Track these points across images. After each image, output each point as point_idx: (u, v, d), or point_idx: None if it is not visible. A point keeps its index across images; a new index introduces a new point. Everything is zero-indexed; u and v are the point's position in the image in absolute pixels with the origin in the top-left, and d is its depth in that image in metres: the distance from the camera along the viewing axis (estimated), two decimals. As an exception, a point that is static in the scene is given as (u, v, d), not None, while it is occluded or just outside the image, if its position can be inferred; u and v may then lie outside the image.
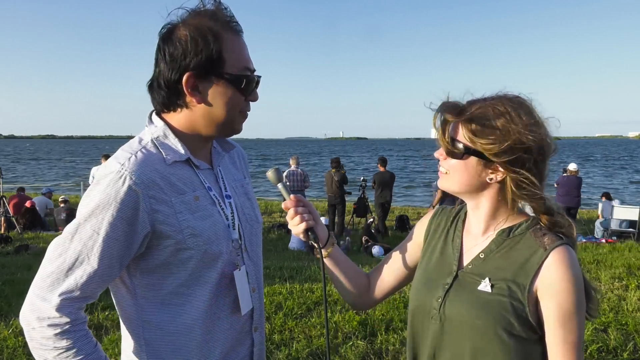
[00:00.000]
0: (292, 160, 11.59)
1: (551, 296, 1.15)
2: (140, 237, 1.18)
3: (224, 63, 1.23)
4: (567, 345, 1.16)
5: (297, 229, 1.36)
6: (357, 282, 1.48)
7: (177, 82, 1.23)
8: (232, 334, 1.34)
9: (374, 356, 3.84)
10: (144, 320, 1.24)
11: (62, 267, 1.14)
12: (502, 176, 1.20)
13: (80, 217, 1.16)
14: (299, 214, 1.36)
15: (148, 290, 1.24)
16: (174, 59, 1.22)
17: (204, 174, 1.32)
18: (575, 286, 1.14)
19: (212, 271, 1.27)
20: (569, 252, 1.18)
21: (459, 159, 1.22)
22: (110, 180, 1.16)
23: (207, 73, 1.22)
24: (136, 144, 1.26)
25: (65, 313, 1.13)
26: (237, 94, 1.26)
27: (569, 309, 1.14)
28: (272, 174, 1.40)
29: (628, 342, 4.09)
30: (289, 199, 1.38)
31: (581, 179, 11.47)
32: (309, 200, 1.42)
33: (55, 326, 1.12)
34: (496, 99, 1.22)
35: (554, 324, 1.15)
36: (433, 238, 1.40)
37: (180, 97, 1.25)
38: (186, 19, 1.24)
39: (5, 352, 3.87)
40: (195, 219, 1.24)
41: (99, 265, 1.15)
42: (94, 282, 1.15)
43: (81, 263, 1.14)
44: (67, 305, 1.13)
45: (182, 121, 1.28)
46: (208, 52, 1.21)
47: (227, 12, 1.26)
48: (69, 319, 1.13)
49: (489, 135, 1.17)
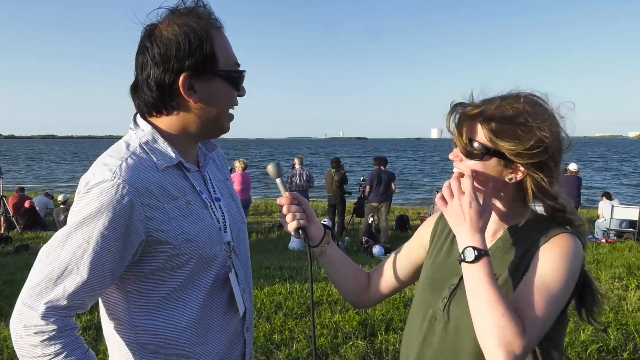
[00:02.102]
0: (297, 161, 11.58)
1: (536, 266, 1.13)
2: (134, 246, 1.16)
3: (217, 60, 1.22)
4: (538, 285, 1.10)
5: (289, 227, 1.37)
6: (356, 280, 1.48)
7: (172, 84, 1.20)
8: (226, 335, 1.34)
9: (374, 356, 3.83)
10: (137, 326, 1.23)
11: (50, 276, 1.11)
12: (522, 176, 1.18)
13: (71, 225, 1.13)
14: (291, 212, 1.36)
15: (142, 296, 1.22)
16: (166, 60, 1.18)
17: (194, 176, 1.31)
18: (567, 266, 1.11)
19: (206, 275, 1.27)
20: (573, 239, 1.16)
21: (478, 160, 1.19)
22: (103, 188, 1.12)
23: (202, 72, 1.21)
24: (124, 150, 1.22)
25: (51, 321, 1.10)
26: (231, 90, 1.27)
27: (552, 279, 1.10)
28: (272, 168, 1.41)
29: (628, 342, 4.08)
30: (285, 195, 1.38)
31: (581, 179, 11.46)
32: (308, 200, 1.42)
33: (41, 333, 1.09)
34: (512, 97, 1.18)
35: (529, 279, 1.12)
36: (439, 239, 1.39)
37: (175, 99, 1.23)
38: (170, 18, 1.22)
39: (5, 352, 3.86)
40: (189, 224, 1.23)
41: (88, 275, 1.12)
42: (83, 292, 1.12)
43: (70, 272, 1.11)
44: (53, 313, 1.10)
45: (172, 123, 1.26)
46: (202, 51, 1.20)
47: (208, 8, 1.25)
48: (55, 326, 1.10)
49: (511, 135, 1.14)
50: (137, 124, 1.28)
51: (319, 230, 1.42)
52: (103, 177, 1.14)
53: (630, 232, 11.13)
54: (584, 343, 4.00)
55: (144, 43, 1.22)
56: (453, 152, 1.24)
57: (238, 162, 10.94)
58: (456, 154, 1.23)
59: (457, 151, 1.22)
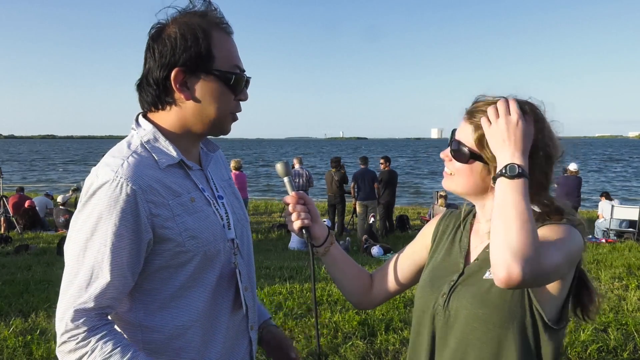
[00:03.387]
0: (296, 161, 11.58)
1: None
2: (145, 242, 1.17)
3: (213, 60, 1.23)
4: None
5: (293, 226, 1.37)
6: (358, 281, 1.48)
7: (166, 79, 1.22)
8: (231, 333, 1.34)
9: (374, 356, 3.84)
10: (143, 325, 1.23)
11: (80, 285, 1.13)
12: None
13: (85, 231, 1.14)
14: (296, 211, 1.37)
15: (147, 294, 1.23)
16: (162, 55, 1.21)
17: (196, 175, 1.32)
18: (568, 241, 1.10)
19: (210, 272, 1.27)
20: (571, 228, 1.15)
21: (465, 163, 1.21)
22: (107, 189, 1.13)
23: (196, 69, 1.22)
24: (125, 149, 1.23)
25: (80, 322, 1.11)
26: (227, 91, 1.26)
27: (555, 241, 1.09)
28: (281, 166, 1.42)
29: (628, 342, 4.09)
30: (291, 194, 1.39)
31: (581, 178, 11.47)
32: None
33: (75, 337, 1.11)
34: None
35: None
36: (441, 240, 1.40)
37: (169, 94, 1.24)
38: (176, 17, 1.24)
39: (5, 352, 3.87)
40: (193, 221, 1.23)
41: (111, 277, 1.13)
42: (108, 293, 1.14)
43: (97, 278, 1.13)
44: (82, 315, 1.12)
45: (173, 120, 1.27)
46: (197, 48, 1.21)
47: (218, 12, 1.27)
48: (86, 327, 1.11)
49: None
50: (138, 123, 1.30)
51: (323, 230, 1.42)
52: (106, 177, 1.15)
53: (630, 232, 11.13)
54: (584, 343, 4.00)
55: (149, 41, 1.25)
56: (444, 152, 1.26)
57: (232, 162, 10.94)
58: (446, 153, 1.26)
59: (447, 151, 1.25)
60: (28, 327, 4.44)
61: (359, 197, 11.01)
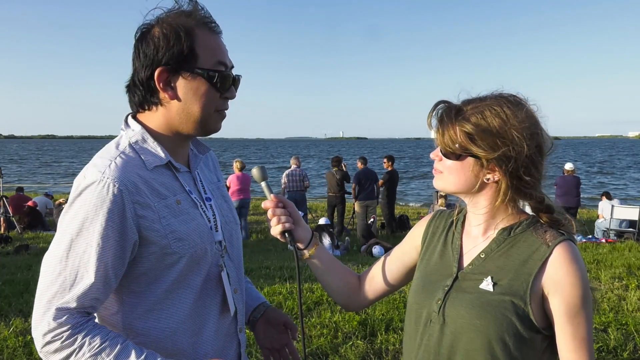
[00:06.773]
0: (293, 160, 11.57)
1: (558, 292, 1.14)
2: (131, 244, 1.17)
3: (197, 58, 1.23)
4: (577, 341, 1.15)
5: (274, 230, 1.37)
6: (345, 282, 1.47)
7: (150, 79, 1.22)
8: (220, 336, 1.34)
9: (374, 356, 3.84)
10: (128, 328, 1.22)
11: (64, 286, 1.12)
12: (499, 176, 1.19)
13: (71, 231, 1.14)
14: (276, 215, 1.36)
15: (134, 297, 1.22)
16: (146, 56, 1.22)
17: (183, 177, 1.32)
18: (581, 280, 1.14)
19: (197, 274, 1.27)
20: (572, 247, 1.17)
21: (456, 160, 1.21)
22: (93, 189, 1.14)
23: (179, 68, 1.22)
24: (113, 150, 1.24)
25: (63, 321, 1.11)
26: (211, 89, 1.25)
27: (576, 304, 1.14)
28: (257, 171, 1.40)
29: (628, 342, 4.09)
30: (270, 198, 1.38)
31: (579, 178, 11.45)
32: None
33: (59, 336, 1.10)
34: (492, 98, 1.21)
35: (562, 320, 1.15)
36: (432, 241, 1.39)
37: (155, 95, 1.25)
38: (161, 18, 1.25)
39: (5, 352, 3.87)
40: (179, 223, 1.23)
41: (95, 278, 1.13)
42: (91, 294, 1.13)
43: (82, 279, 1.12)
44: (64, 313, 1.11)
45: (160, 120, 1.27)
46: (179, 47, 1.21)
47: (204, 12, 1.26)
48: (69, 325, 1.11)
49: (486, 138, 1.16)
50: (127, 124, 1.30)
51: (306, 233, 1.41)
52: (93, 178, 1.15)
53: (630, 232, 11.13)
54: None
55: (135, 42, 1.26)
56: (434, 152, 1.27)
57: (235, 162, 10.94)
58: (436, 153, 1.26)
59: (437, 150, 1.26)
60: (28, 327, 4.44)
61: (359, 197, 10.99)
